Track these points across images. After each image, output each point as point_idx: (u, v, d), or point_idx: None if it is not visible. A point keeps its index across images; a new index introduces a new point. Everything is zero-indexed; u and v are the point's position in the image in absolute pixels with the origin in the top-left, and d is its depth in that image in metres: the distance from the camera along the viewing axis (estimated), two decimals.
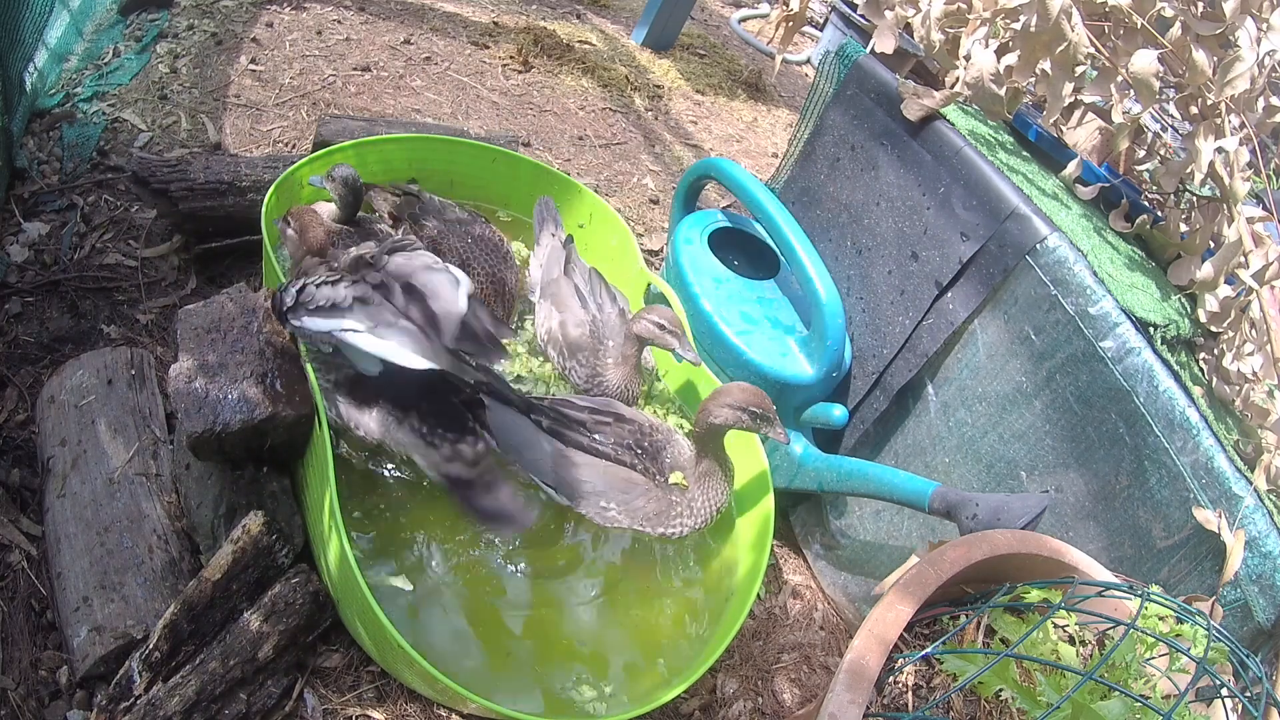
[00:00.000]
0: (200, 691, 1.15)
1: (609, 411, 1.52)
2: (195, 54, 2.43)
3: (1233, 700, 0.93)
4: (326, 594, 1.29)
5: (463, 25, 3.17)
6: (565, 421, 1.47)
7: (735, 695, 1.54)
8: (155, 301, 1.77)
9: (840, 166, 1.81)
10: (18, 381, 1.55)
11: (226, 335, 1.37)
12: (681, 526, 1.46)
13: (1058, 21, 1.37)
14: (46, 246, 1.77)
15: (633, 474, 1.44)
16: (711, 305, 1.72)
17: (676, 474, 1.48)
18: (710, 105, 3.46)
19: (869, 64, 1.75)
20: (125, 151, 2.03)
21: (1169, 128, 2.11)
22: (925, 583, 0.98)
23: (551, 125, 2.86)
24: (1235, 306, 1.42)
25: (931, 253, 1.56)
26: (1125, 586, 1.02)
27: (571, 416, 1.48)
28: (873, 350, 1.69)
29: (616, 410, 1.53)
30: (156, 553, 1.31)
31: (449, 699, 1.26)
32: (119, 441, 1.42)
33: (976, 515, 1.24)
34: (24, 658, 1.23)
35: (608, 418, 1.50)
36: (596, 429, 1.48)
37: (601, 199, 1.99)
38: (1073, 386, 1.34)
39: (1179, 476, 1.22)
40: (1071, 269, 1.34)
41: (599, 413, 1.51)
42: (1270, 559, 1.14)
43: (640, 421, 1.52)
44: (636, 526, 1.45)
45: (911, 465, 1.61)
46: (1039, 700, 0.85)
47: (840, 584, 1.73)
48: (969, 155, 1.51)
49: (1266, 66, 1.39)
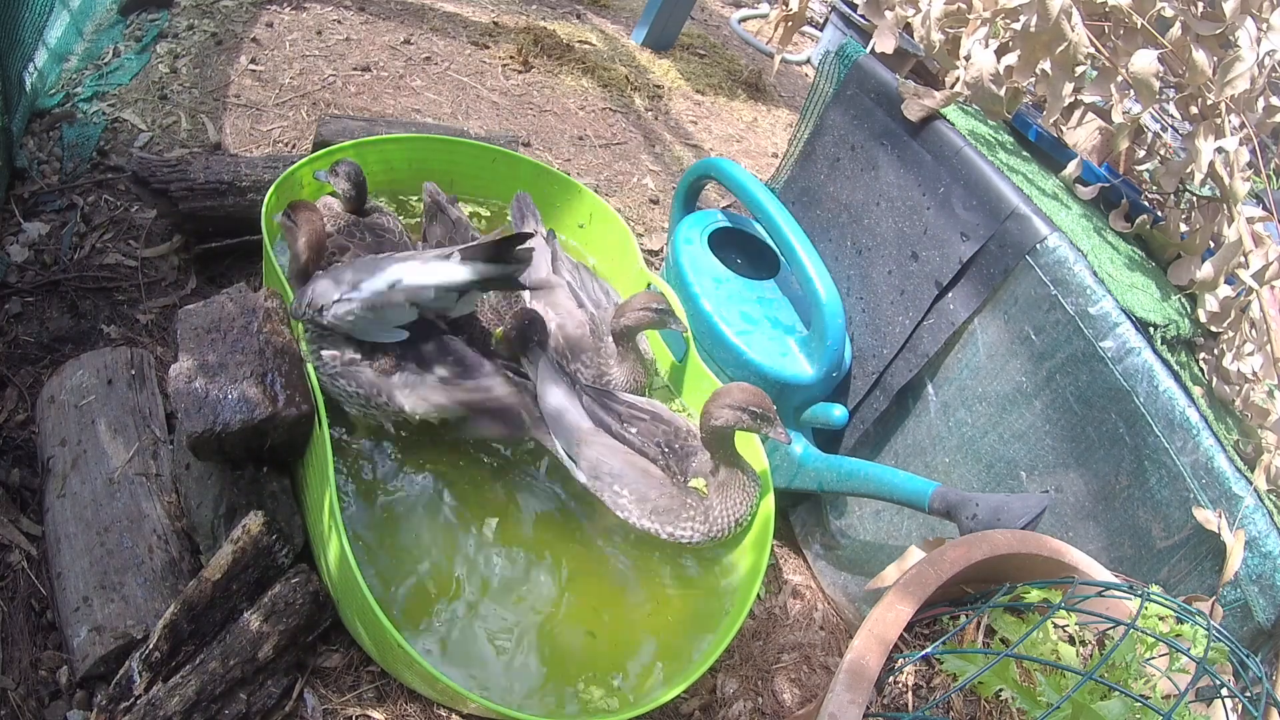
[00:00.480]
0: (200, 691, 1.15)
1: (648, 410, 1.53)
2: (195, 54, 2.43)
3: (1233, 700, 0.93)
4: (326, 594, 1.29)
5: (463, 25, 3.17)
6: (603, 405, 1.50)
7: (735, 695, 1.54)
8: (155, 301, 1.77)
9: (840, 166, 1.81)
10: (18, 381, 1.55)
11: (226, 335, 1.37)
12: (693, 532, 1.44)
13: (1058, 21, 1.37)
14: (46, 246, 1.77)
15: (651, 466, 1.45)
16: (711, 305, 1.72)
17: (699, 480, 1.48)
18: (710, 105, 3.46)
19: (869, 64, 1.75)
20: (125, 151, 2.03)
21: (1169, 128, 2.11)
22: (925, 583, 0.98)
23: (551, 125, 2.86)
24: (1235, 306, 1.42)
25: (931, 253, 1.57)
26: (1125, 586, 1.02)
27: (610, 404, 1.51)
28: (873, 350, 1.69)
29: (656, 410, 1.54)
30: (156, 553, 1.31)
31: (449, 699, 1.26)
32: (119, 441, 1.42)
33: (976, 515, 1.24)
34: (24, 658, 1.23)
35: (645, 414, 1.52)
36: (631, 421, 1.49)
37: (601, 199, 1.99)
38: (1073, 386, 1.34)
39: (1179, 476, 1.22)
40: (1071, 269, 1.34)
41: (637, 408, 1.52)
42: (1270, 559, 1.14)
43: (678, 424, 1.53)
44: (645, 523, 1.44)
45: (911, 465, 1.61)
46: (1039, 700, 0.85)
47: (840, 584, 1.73)
48: (969, 155, 1.51)
49: (1266, 66, 1.39)
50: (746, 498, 1.46)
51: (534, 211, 1.90)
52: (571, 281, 1.74)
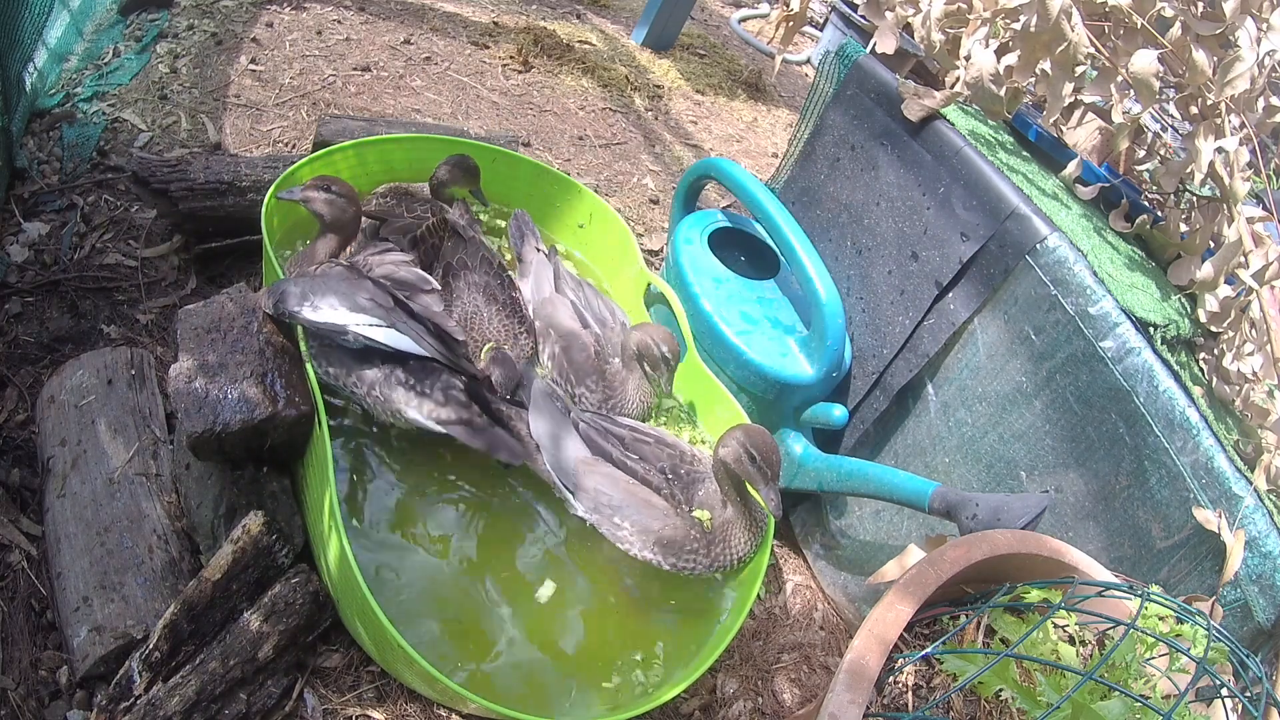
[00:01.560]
0: (200, 691, 1.15)
1: (652, 434, 1.49)
2: (195, 54, 2.43)
3: (1233, 700, 0.93)
4: (326, 594, 1.29)
5: (463, 25, 3.17)
6: (602, 432, 1.45)
7: (735, 695, 1.54)
8: (155, 301, 1.77)
9: (840, 166, 1.81)
10: (18, 381, 1.55)
11: (226, 335, 1.37)
12: (695, 564, 1.42)
13: (1058, 21, 1.37)
14: (46, 246, 1.77)
15: (654, 496, 1.41)
16: (711, 305, 1.72)
17: (703, 512, 1.44)
18: (710, 105, 3.46)
19: (869, 64, 1.75)
20: (125, 151, 2.03)
21: (1169, 128, 2.11)
22: (925, 583, 0.98)
23: (551, 125, 2.86)
24: (1235, 306, 1.42)
25: (931, 253, 1.56)
26: (1125, 586, 1.02)
27: (609, 429, 1.47)
28: (873, 350, 1.69)
29: (660, 434, 1.50)
30: (156, 553, 1.31)
31: (449, 699, 1.26)
32: (119, 441, 1.42)
33: (976, 515, 1.24)
34: (24, 658, 1.23)
35: (649, 438, 1.47)
36: (634, 447, 1.45)
37: (601, 199, 1.99)
38: (1073, 386, 1.34)
39: (1179, 476, 1.22)
40: (1071, 269, 1.34)
41: (640, 432, 1.48)
42: (1270, 559, 1.14)
43: (683, 449, 1.50)
44: (647, 554, 1.40)
45: (911, 465, 1.61)
46: (1039, 700, 0.85)
47: (840, 584, 1.73)
48: (969, 155, 1.51)
49: (1266, 66, 1.39)
50: (751, 539, 1.44)
51: (533, 230, 1.86)
52: (575, 300, 1.71)
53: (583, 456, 1.43)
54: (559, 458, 1.43)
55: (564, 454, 1.43)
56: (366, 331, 1.34)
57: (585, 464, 1.41)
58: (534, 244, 1.83)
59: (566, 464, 1.42)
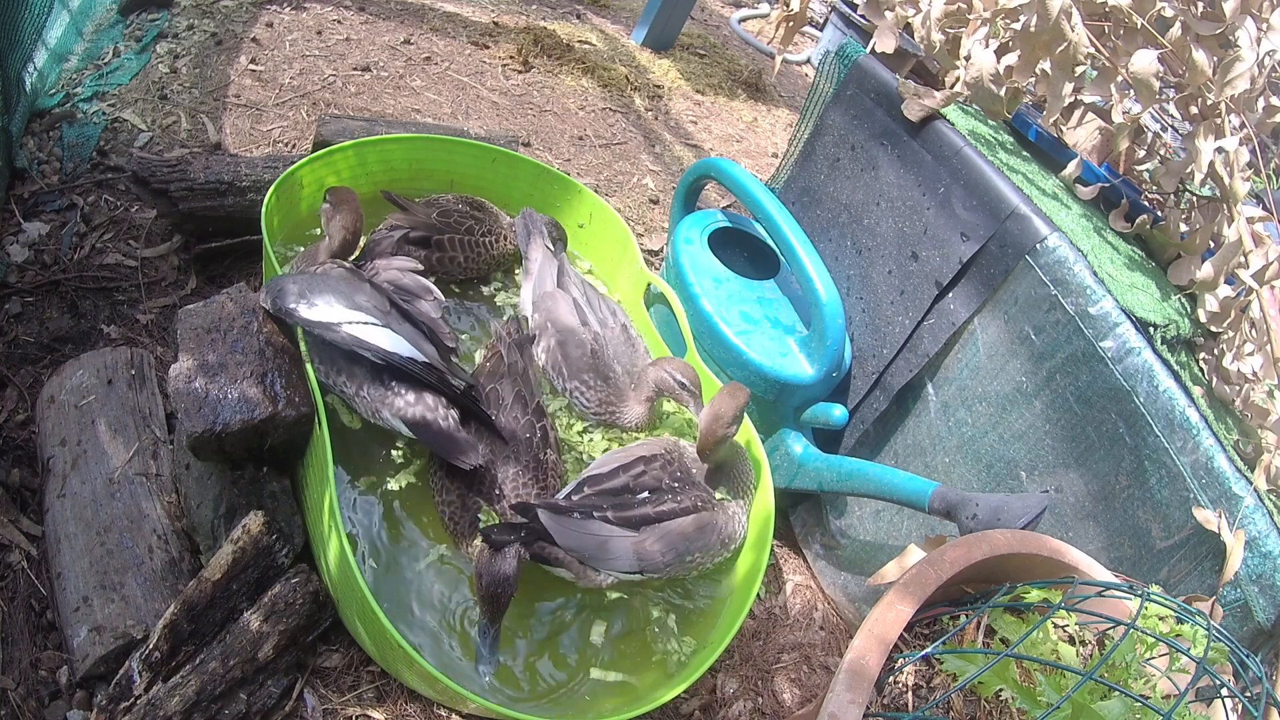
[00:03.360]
0: (200, 691, 1.15)
1: (633, 460, 1.43)
2: (195, 54, 2.43)
3: (1233, 700, 0.93)
4: (326, 594, 1.29)
5: (463, 25, 3.17)
6: (621, 503, 1.37)
7: (735, 695, 1.54)
8: (155, 301, 1.77)
9: (840, 166, 1.81)
10: (18, 381, 1.55)
11: (226, 335, 1.37)
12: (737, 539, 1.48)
13: (1058, 21, 1.37)
14: (46, 246, 1.77)
15: (700, 516, 1.40)
16: (711, 305, 1.72)
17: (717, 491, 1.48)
18: (710, 105, 3.46)
19: (869, 64, 1.75)
20: (125, 151, 2.03)
21: (1169, 128, 2.11)
22: (925, 583, 0.98)
23: (551, 125, 2.86)
24: (1235, 306, 1.42)
25: (932, 253, 1.57)
26: (1125, 586, 1.02)
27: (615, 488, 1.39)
28: (873, 350, 1.69)
29: (636, 454, 1.45)
30: (156, 553, 1.31)
31: (449, 699, 1.26)
32: (119, 441, 1.42)
33: (976, 515, 1.24)
34: (24, 658, 1.23)
35: (637, 467, 1.42)
36: (641, 488, 1.40)
37: (601, 199, 1.99)
38: (1073, 386, 1.34)
39: (1179, 476, 1.22)
40: (1071, 269, 1.34)
41: (628, 468, 1.42)
42: (1270, 559, 1.14)
43: (662, 452, 1.47)
44: (715, 561, 1.46)
45: (911, 465, 1.61)
46: (1039, 700, 0.85)
47: (840, 584, 1.73)
48: (969, 155, 1.51)
49: (1266, 66, 1.39)
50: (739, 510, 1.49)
51: (540, 230, 1.83)
52: (578, 298, 1.70)
53: (632, 540, 1.34)
54: (614, 561, 1.34)
55: (617, 553, 1.34)
56: (358, 331, 1.33)
57: (635, 543, 1.35)
58: (541, 242, 1.81)
59: (623, 560, 1.34)
